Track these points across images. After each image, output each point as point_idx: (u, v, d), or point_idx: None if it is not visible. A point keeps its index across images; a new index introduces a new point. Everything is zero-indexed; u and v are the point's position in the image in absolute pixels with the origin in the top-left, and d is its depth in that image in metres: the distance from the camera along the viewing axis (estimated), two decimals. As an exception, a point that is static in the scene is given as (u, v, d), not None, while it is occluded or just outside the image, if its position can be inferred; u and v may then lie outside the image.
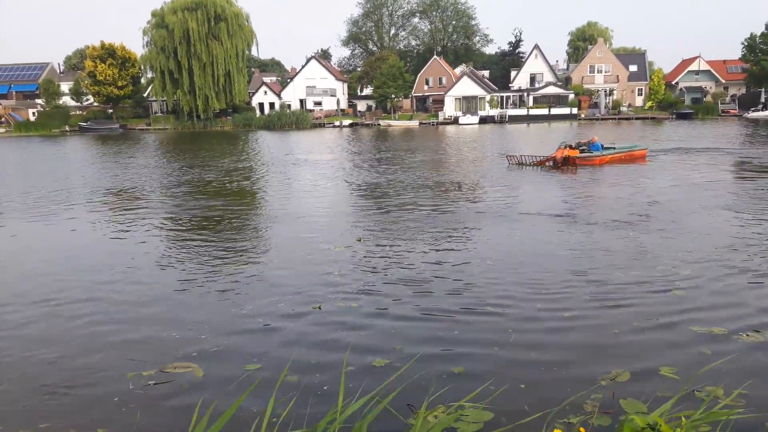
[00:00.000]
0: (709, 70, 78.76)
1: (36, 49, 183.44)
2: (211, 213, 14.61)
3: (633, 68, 78.92)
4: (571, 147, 23.09)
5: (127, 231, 12.64)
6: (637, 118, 68.89)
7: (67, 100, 79.34)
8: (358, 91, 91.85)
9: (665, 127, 51.92)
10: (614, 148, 24.42)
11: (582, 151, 23.28)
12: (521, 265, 9.13)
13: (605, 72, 78.06)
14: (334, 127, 70.48)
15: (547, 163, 22.52)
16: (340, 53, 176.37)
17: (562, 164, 22.12)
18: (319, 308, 7.30)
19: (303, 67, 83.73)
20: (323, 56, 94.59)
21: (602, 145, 23.93)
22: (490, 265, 9.16)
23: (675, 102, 73.32)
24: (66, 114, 75.74)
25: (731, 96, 75.45)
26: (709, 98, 74.53)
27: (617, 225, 11.83)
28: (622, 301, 7.34)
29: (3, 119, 73.97)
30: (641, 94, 78.23)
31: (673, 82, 79.09)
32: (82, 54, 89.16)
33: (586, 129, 52.83)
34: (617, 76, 77.76)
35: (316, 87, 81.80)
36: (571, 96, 73.98)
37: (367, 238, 11.31)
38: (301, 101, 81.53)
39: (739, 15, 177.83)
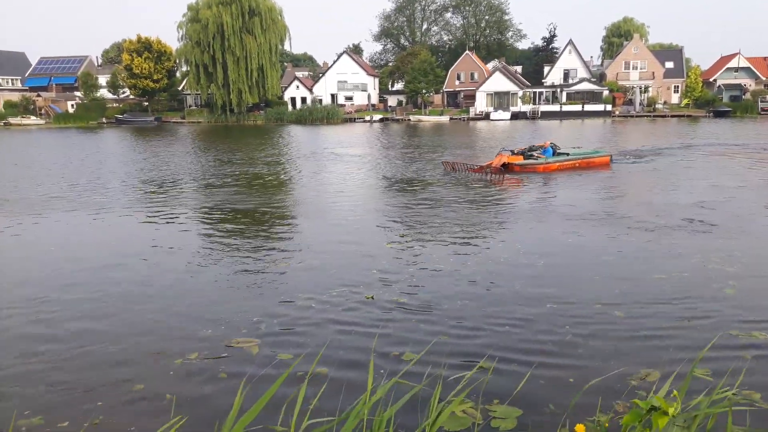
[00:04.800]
0: (749, 67, 76.61)
1: (75, 42, 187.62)
2: (252, 206, 14.91)
3: (669, 65, 77.30)
4: (513, 152, 21.43)
5: (174, 223, 12.99)
6: (672, 116, 67.51)
7: (104, 93, 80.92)
8: (389, 86, 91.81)
9: (699, 125, 50.79)
10: (567, 155, 22.16)
11: (528, 157, 21.35)
12: (554, 263, 9.12)
13: (641, 69, 76.61)
14: (365, 122, 70.60)
15: (483, 171, 20.35)
16: (371, 48, 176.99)
17: (497, 172, 19.79)
18: (372, 298, 7.52)
19: (335, 62, 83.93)
20: (355, 51, 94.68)
21: (554, 151, 21.91)
22: (524, 263, 9.17)
23: (712, 100, 71.58)
24: (103, 106, 77.32)
25: (772, 94, 73.36)
26: (748, 96, 72.58)
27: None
28: (657, 301, 7.30)
29: (43, 111, 75.89)
30: (677, 92, 76.56)
31: (711, 80, 77.20)
32: (120, 47, 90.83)
33: (620, 126, 52.05)
34: (653, 72, 76.28)
35: (348, 82, 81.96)
36: (605, 92, 72.81)
37: (411, 234, 11.43)
38: (333, 96, 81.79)
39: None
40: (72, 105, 78.58)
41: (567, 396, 5.03)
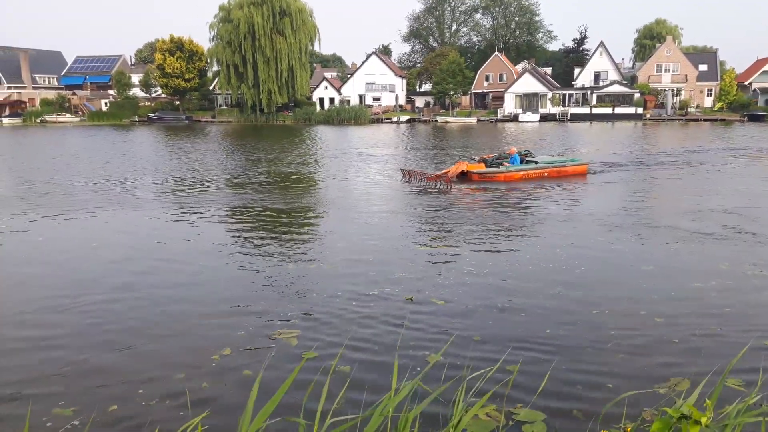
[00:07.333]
0: (786, 71, 74.87)
1: (110, 41, 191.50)
2: (284, 205, 15.11)
3: (703, 68, 75.79)
4: (475, 160, 20.33)
5: (208, 221, 13.17)
6: (705, 120, 66.23)
7: (136, 92, 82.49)
8: (417, 87, 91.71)
9: (732, 130, 49.69)
10: (536, 163, 20.49)
11: (493, 165, 19.99)
12: (587, 269, 9.04)
13: (673, 71, 75.27)
14: (392, 122, 70.66)
15: (438, 179, 18.48)
16: (400, 49, 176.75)
17: (449, 181, 18.11)
18: (411, 299, 7.56)
19: (363, 62, 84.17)
20: (384, 52, 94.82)
21: (521, 159, 20.38)
22: (549, 268, 9.11)
23: (747, 103, 69.99)
24: (135, 105, 78.78)
25: (810, 98, 71.47)
26: (785, 100, 70.87)
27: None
28: (690, 309, 7.19)
29: (78, 109, 77.57)
30: (711, 95, 75.07)
31: (746, 83, 75.55)
32: (152, 47, 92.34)
33: (650, 129, 51.23)
34: (686, 75, 74.90)
35: (376, 83, 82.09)
36: (637, 95, 71.75)
37: (442, 236, 11.43)
38: (361, 97, 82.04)
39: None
40: (105, 103, 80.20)
41: (592, 402, 4.98)
